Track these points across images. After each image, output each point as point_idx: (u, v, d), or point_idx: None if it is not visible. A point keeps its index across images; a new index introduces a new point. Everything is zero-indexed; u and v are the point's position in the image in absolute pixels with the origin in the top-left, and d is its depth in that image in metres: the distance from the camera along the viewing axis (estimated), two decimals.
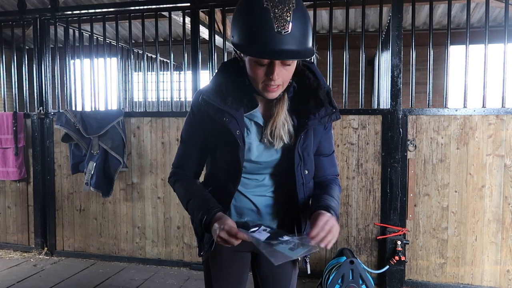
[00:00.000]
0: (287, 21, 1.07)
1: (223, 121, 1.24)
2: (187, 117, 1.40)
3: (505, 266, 2.99)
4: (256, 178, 1.36)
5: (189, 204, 1.32)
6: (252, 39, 1.11)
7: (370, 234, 3.20)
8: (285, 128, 1.27)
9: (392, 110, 3.07)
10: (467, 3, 3.04)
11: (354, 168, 3.18)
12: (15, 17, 3.87)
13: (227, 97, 1.26)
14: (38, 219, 3.89)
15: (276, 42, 1.08)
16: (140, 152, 3.62)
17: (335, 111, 1.28)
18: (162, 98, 6.36)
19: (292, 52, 1.10)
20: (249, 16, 1.11)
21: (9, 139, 3.81)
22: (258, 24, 1.09)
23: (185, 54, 3.55)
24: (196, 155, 1.41)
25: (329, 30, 3.24)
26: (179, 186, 1.40)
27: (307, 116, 1.27)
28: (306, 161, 1.32)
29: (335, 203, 1.30)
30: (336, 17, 6.38)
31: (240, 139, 1.25)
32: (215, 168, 1.39)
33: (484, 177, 2.98)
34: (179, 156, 1.43)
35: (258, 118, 1.30)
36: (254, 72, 1.17)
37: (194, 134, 1.38)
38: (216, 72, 1.34)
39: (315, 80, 1.29)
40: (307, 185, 1.35)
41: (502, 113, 2.94)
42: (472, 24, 6.04)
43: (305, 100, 1.29)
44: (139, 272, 3.49)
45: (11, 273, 3.43)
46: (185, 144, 1.41)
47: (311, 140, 1.31)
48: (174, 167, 1.45)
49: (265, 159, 1.32)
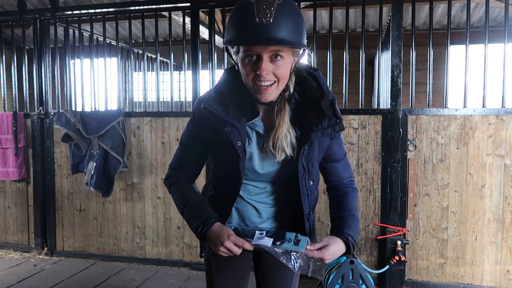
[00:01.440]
0: (269, 13, 1.07)
1: (225, 131, 1.23)
2: (189, 122, 1.39)
3: (505, 266, 2.99)
4: (258, 186, 1.35)
5: (186, 210, 1.32)
6: (235, 31, 1.12)
7: (370, 234, 3.20)
8: (287, 140, 1.24)
9: (392, 110, 3.07)
10: (467, 3, 3.04)
11: (354, 168, 3.18)
12: (15, 17, 3.87)
13: (230, 106, 1.24)
14: (38, 219, 3.89)
15: (257, 30, 1.08)
16: (140, 152, 3.62)
17: (339, 122, 1.24)
18: (162, 98, 6.35)
19: (274, 39, 1.08)
20: (235, 13, 1.14)
21: (9, 139, 3.81)
22: (241, 17, 1.11)
23: (185, 54, 3.55)
24: (194, 160, 1.40)
25: (329, 30, 3.24)
26: (176, 190, 1.38)
27: (310, 128, 1.23)
28: (311, 172, 1.31)
29: (355, 224, 1.31)
30: (336, 17, 6.38)
31: (241, 150, 1.23)
32: (217, 173, 1.39)
33: (484, 177, 2.98)
34: (178, 158, 1.42)
35: (259, 127, 1.28)
36: (244, 70, 1.16)
37: (194, 140, 1.37)
38: (219, 79, 1.32)
39: (319, 89, 1.25)
40: (311, 196, 1.35)
41: (502, 113, 2.94)
42: (472, 24, 6.04)
43: (307, 111, 1.25)
44: (139, 272, 3.49)
45: (11, 273, 3.42)
46: (185, 147, 1.40)
47: (315, 151, 1.29)
48: (171, 169, 1.43)
49: (267, 169, 1.31)
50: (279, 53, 1.13)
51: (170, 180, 1.42)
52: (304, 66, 1.31)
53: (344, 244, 1.25)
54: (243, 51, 1.15)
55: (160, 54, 3.72)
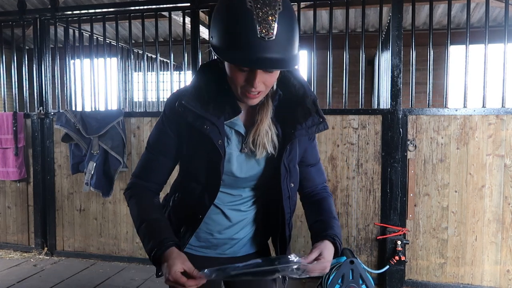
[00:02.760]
0: (271, 26, 0.96)
1: (204, 129, 1.12)
2: (158, 122, 1.25)
3: (505, 266, 2.99)
4: (232, 193, 1.25)
5: (141, 229, 1.18)
6: (233, 43, 0.99)
7: (370, 234, 3.20)
8: (268, 136, 1.17)
9: (392, 110, 3.07)
10: (467, 3, 3.04)
11: (354, 168, 3.18)
12: (15, 17, 3.87)
13: (209, 103, 1.14)
14: (38, 219, 3.89)
15: (259, 49, 0.97)
16: (140, 152, 3.62)
17: (322, 121, 1.19)
18: (162, 98, 6.34)
19: (277, 61, 0.99)
20: (230, 17, 0.99)
21: (9, 139, 3.81)
22: (240, 27, 0.97)
23: (185, 54, 3.55)
24: (163, 165, 1.25)
25: (329, 30, 3.24)
26: (134, 204, 1.23)
27: (293, 126, 1.17)
28: (292, 173, 1.23)
29: (338, 226, 1.24)
30: (336, 17, 6.38)
31: (222, 149, 1.14)
32: (188, 179, 1.25)
33: (484, 177, 2.98)
34: (143, 165, 1.26)
35: (239, 126, 1.19)
36: (234, 76, 1.07)
37: (164, 142, 1.22)
38: (195, 74, 1.21)
39: (301, 88, 1.20)
40: (292, 199, 1.26)
41: (502, 113, 2.94)
42: (472, 24, 6.04)
43: (291, 109, 1.19)
44: (139, 272, 3.49)
45: (11, 273, 3.42)
46: (153, 152, 1.24)
47: (296, 151, 1.22)
48: (135, 177, 1.27)
49: (246, 171, 1.21)
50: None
51: (131, 191, 1.26)
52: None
53: (333, 245, 1.17)
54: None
55: (160, 54, 3.72)
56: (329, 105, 3.26)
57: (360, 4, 3.28)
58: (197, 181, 1.22)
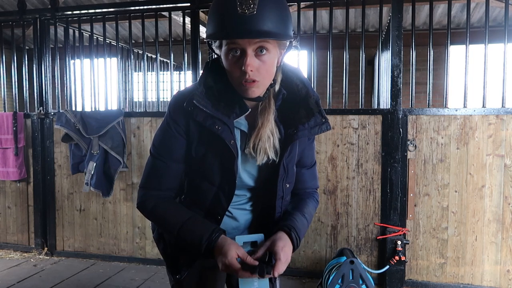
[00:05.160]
0: (253, 3, 1.00)
1: (215, 129, 1.11)
2: (162, 125, 1.21)
3: (505, 266, 2.99)
4: (238, 193, 1.24)
5: (183, 229, 1.15)
6: (217, 25, 1.04)
7: (370, 234, 3.20)
8: (270, 142, 1.15)
9: (392, 110, 3.07)
10: (467, 3, 3.04)
11: (354, 168, 3.18)
12: (15, 17, 3.87)
13: (220, 101, 1.13)
14: (38, 219, 3.89)
15: (240, 22, 1.00)
16: (140, 152, 3.62)
17: (325, 121, 1.18)
18: (162, 98, 6.36)
19: (258, 32, 1.01)
20: (216, 4, 1.06)
21: (9, 139, 3.81)
22: (223, 9, 1.03)
23: (185, 54, 3.55)
24: (174, 171, 1.20)
25: (329, 30, 3.24)
26: (162, 214, 1.19)
27: (295, 126, 1.16)
28: (289, 173, 1.23)
29: (303, 223, 1.21)
30: (336, 17, 6.38)
31: (234, 149, 1.12)
32: (200, 179, 1.21)
33: (484, 177, 2.98)
34: (154, 174, 1.20)
35: (243, 125, 1.18)
36: (229, 65, 1.08)
37: (173, 146, 1.18)
38: (203, 72, 1.20)
39: (304, 88, 1.19)
40: (285, 199, 1.26)
41: (502, 113, 2.94)
42: (472, 24, 6.04)
43: (294, 109, 1.19)
44: (139, 272, 3.49)
45: (11, 273, 3.42)
46: (161, 158, 1.19)
47: (296, 151, 1.22)
48: (146, 188, 1.21)
49: (249, 171, 1.21)
50: (265, 46, 1.05)
51: (149, 203, 1.20)
52: (288, 65, 1.25)
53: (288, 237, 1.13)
54: (225, 45, 1.07)
55: (160, 54, 3.72)
56: (329, 105, 3.26)
57: (360, 4, 3.28)
58: (210, 181, 1.19)
